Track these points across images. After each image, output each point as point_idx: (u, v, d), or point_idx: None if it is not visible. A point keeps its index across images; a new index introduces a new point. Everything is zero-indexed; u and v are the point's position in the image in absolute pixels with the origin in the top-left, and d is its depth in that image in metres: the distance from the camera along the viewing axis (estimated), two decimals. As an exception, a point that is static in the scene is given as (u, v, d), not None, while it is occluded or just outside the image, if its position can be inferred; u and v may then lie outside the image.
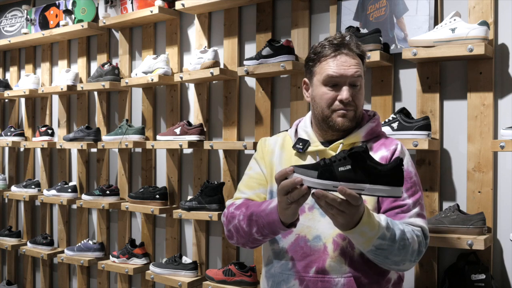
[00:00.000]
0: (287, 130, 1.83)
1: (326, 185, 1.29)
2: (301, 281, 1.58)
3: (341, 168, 1.29)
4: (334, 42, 1.62)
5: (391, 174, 1.29)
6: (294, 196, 1.34)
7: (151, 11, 3.04)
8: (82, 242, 3.47)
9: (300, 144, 1.68)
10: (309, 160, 1.66)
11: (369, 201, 1.58)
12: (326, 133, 1.67)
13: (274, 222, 1.47)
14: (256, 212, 1.55)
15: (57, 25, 3.73)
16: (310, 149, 1.66)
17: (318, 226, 1.58)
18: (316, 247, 1.58)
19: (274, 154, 1.74)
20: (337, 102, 1.60)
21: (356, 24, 2.50)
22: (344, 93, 1.59)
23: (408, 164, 1.63)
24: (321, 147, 1.65)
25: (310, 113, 1.76)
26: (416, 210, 1.57)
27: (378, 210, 1.59)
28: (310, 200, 1.59)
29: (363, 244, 1.43)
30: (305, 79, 1.72)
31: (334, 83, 1.61)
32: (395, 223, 1.49)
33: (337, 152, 1.60)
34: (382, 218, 1.45)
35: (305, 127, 1.72)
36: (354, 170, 1.28)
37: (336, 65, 1.60)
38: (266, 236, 1.56)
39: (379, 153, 1.63)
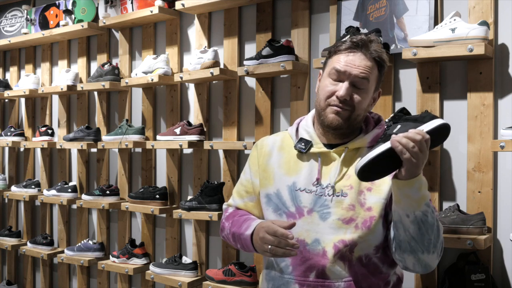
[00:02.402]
0: (286, 130, 1.80)
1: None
2: (301, 285, 1.57)
3: (394, 130, 1.44)
4: (354, 40, 1.59)
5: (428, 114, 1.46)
6: (278, 253, 1.47)
7: (151, 11, 3.04)
8: (82, 242, 3.47)
9: (302, 144, 1.64)
10: (310, 162, 1.63)
11: (375, 209, 1.55)
12: (327, 134, 1.64)
13: (249, 247, 1.62)
14: (237, 233, 1.67)
15: (57, 25, 3.73)
16: (312, 150, 1.63)
17: (317, 230, 1.56)
18: (315, 251, 1.56)
19: (271, 156, 1.72)
20: (334, 97, 1.57)
21: (356, 24, 2.50)
22: (342, 89, 1.55)
23: None
24: (324, 149, 1.62)
25: (312, 112, 1.73)
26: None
27: (384, 218, 1.57)
28: (309, 203, 1.59)
29: (416, 203, 1.41)
30: (320, 71, 1.70)
31: (337, 77, 1.57)
32: None
33: (341, 156, 1.60)
34: None
35: (307, 126, 1.69)
36: (404, 125, 1.44)
37: (345, 61, 1.57)
38: (250, 252, 1.68)
39: None
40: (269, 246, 1.46)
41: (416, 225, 1.43)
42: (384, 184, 1.56)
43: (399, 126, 1.44)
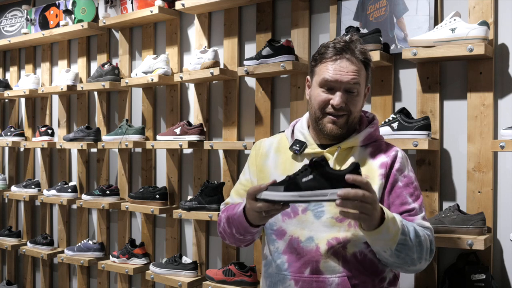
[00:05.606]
0: (283, 131, 1.83)
1: (293, 196, 1.36)
2: (296, 281, 1.59)
3: (304, 179, 1.35)
4: (338, 46, 1.60)
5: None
6: (263, 208, 1.42)
7: (151, 11, 3.04)
8: (82, 242, 3.47)
9: (297, 145, 1.68)
10: (305, 163, 1.63)
11: None
12: (322, 135, 1.67)
13: (243, 223, 1.57)
14: (231, 215, 1.64)
15: (57, 25, 3.73)
16: (306, 151, 1.66)
17: (311, 228, 1.59)
18: (308, 247, 1.58)
19: (268, 157, 1.75)
20: (329, 106, 1.60)
21: (356, 24, 2.50)
22: (337, 98, 1.58)
23: (408, 170, 1.64)
24: (318, 149, 1.65)
25: (307, 114, 1.76)
26: (422, 214, 1.60)
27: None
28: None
29: (390, 242, 1.43)
30: (308, 77, 1.73)
31: (329, 86, 1.60)
32: (405, 221, 1.51)
33: (334, 156, 1.62)
34: (395, 214, 1.47)
35: (302, 128, 1.72)
36: (315, 178, 1.34)
37: (334, 69, 1.59)
38: (245, 235, 1.65)
39: (379, 159, 1.62)
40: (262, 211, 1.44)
41: (395, 255, 1.47)
42: (374, 185, 1.57)
43: (310, 177, 1.34)
